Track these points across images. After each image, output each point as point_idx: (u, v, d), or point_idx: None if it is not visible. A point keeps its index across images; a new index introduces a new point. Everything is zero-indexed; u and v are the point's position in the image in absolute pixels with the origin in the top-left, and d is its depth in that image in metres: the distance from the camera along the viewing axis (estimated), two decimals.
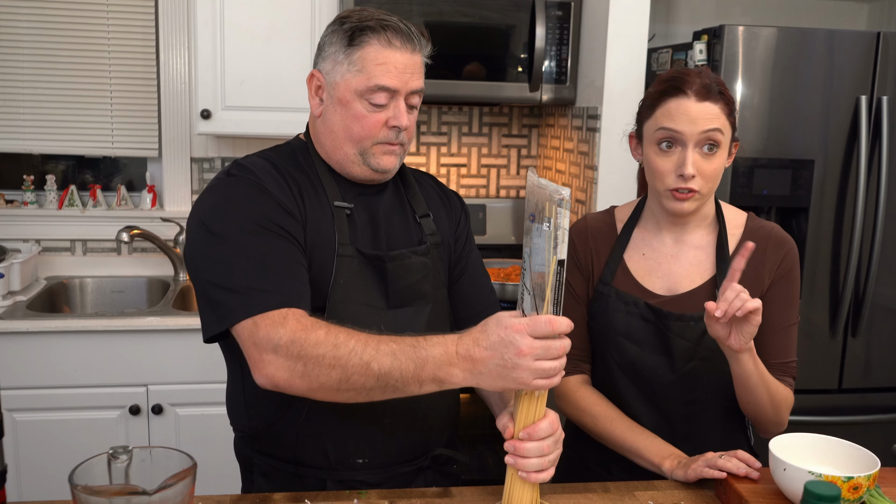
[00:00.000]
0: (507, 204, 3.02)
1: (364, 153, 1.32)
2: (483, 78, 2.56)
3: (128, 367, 2.32)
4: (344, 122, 1.31)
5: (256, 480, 1.38)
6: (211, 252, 1.23)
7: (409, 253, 1.36)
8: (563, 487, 1.31)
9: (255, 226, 1.22)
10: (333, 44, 1.31)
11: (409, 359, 1.11)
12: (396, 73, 1.28)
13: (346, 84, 1.29)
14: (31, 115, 2.78)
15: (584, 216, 1.60)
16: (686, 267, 1.48)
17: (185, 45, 2.80)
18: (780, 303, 1.45)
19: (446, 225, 1.47)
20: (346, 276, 1.30)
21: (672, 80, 1.40)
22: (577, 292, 1.54)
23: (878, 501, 1.19)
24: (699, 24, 2.90)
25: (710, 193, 1.43)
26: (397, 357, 1.11)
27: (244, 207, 1.24)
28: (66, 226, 2.81)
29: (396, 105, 1.30)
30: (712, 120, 1.37)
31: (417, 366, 1.10)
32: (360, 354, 1.11)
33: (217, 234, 1.23)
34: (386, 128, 1.30)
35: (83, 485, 0.93)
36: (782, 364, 1.45)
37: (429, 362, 1.10)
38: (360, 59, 1.28)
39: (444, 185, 1.55)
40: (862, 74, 2.30)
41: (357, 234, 1.33)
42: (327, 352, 1.12)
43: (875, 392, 2.48)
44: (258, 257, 1.21)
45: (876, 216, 2.35)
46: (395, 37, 1.28)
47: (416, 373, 1.11)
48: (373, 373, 1.11)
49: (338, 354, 1.11)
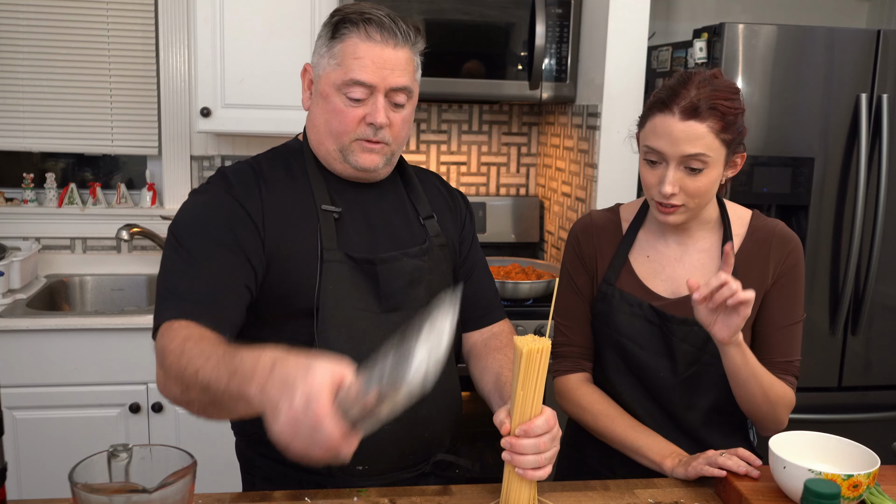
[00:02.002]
0: (507, 202, 3.02)
1: (343, 150, 1.31)
2: (483, 76, 2.56)
3: (128, 365, 2.32)
4: (325, 116, 1.30)
5: (258, 484, 1.38)
6: (167, 252, 1.25)
7: (402, 255, 1.34)
8: (563, 485, 1.31)
9: (208, 234, 1.22)
10: (321, 37, 1.31)
11: (224, 367, 0.99)
12: (373, 68, 1.25)
13: (326, 77, 1.28)
14: (30, 112, 2.77)
15: (590, 213, 1.60)
16: (690, 270, 1.47)
17: (184, 43, 2.80)
18: (784, 300, 1.44)
19: (451, 226, 1.46)
20: (334, 281, 1.28)
21: (664, 92, 1.36)
22: (580, 290, 1.54)
23: (878, 499, 1.19)
24: (699, 21, 2.90)
25: (698, 207, 1.40)
26: (217, 366, 1.01)
27: (206, 215, 1.25)
28: (65, 224, 2.81)
29: (374, 101, 1.27)
30: (695, 142, 1.31)
31: (230, 375, 0.98)
32: (195, 362, 1.03)
33: (175, 237, 1.24)
34: (364, 124, 1.28)
35: (83, 483, 0.93)
36: (784, 363, 1.44)
37: (237, 374, 0.97)
38: (339, 52, 1.27)
39: (449, 185, 1.54)
40: (862, 72, 2.30)
41: (347, 238, 1.31)
42: (173, 361, 1.07)
43: (875, 390, 2.48)
44: (198, 263, 1.21)
45: (876, 214, 2.35)
46: (376, 31, 1.25)
47: (229, 379, 0.98)
48: (199, 382, 1.02)
49: (180, 363, 1.05)
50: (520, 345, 1.09)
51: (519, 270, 2.61)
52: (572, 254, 1.56)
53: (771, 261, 1.45)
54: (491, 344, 1.44)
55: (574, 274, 1.55)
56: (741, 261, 1.45)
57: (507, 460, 1.13)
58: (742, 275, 1.42)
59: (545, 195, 3.01)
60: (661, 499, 1.28)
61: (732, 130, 1.35)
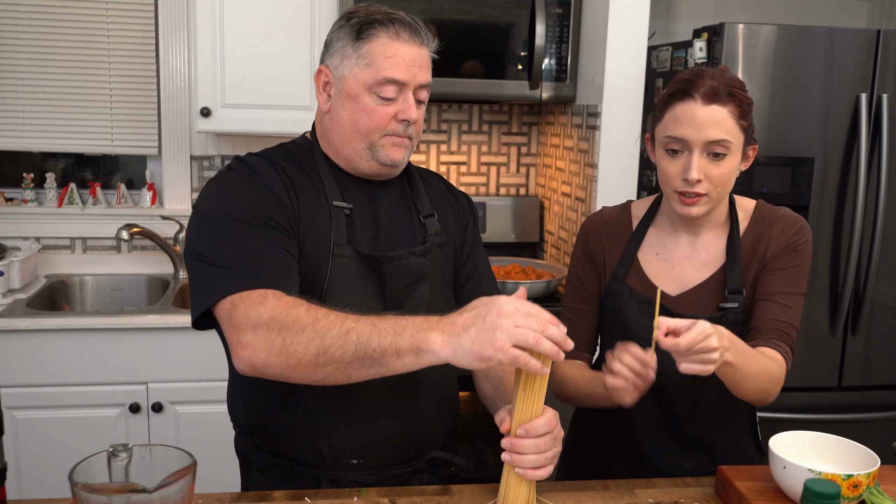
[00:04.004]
0: (507, 202, 3.02)
1: (373, 146, 1.32)
2: (483, 76, 2.56)
3: (128, 365, 2.32)
4: (353, 116, 1.31)
5: (254, 476, 1.39)
6: (202, 233, 1.25)
7: (407, 254, 1.35)
8: (563, 485, 1.31)
9: (247, 215, 1.23)
10: (341, 38, 1.31)
11: (388, 326, 1.09)
12: (405, 66, 1.28)
13: (354, 78, 1.29)
14: (30, 112, 2.77)
15: (601, 209, 1.60)
16: (699, 268, 1.48)
17: (184, 43, 2.80)
18: (788, 271, 1.43)
19: (453, 226, 1.46)
20: (342, 276, 1.29)
21: (682, 83, 1.38)
22: (587, 287, 1.54)
23: (878, 499, 1.19)
24: (699, 21, 2.90)
25: (720, 197, 1.41)
26: (377, 326, 1.09)
27: (238, 197, 1.26)
28: (65, 224, 2.81)
29: (405, 98, 1.30)
30: (717, 126, 1.34)
31: (396, 332, 1.08)
32: (340, 325, 1.10)
33: (209, 218, 1.25)
34: (395, 121, 1.31)
35: (83, 482, 0.93)
36: (781, 324, 1.40)
37: (408, 328, 1.08)
38: (368, 52, 1.28)
39: (452, 186, 1.54)
40: (862, 72, 2.30)
41: (356, 234, 1.33)
42: (307, 324, 1.10)
43: (875, 390, 2.48)
44: (244, 241, 1.22)
45: (876, 214, 2.35)
46: (404, 30, 1.28)
47: (395, 340, 1.07)
48: (351, 341, 1.08)
49: (317, 327, 1.10)
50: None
51: (519, 270, 2.61)
52: (581, 250, 1.57)
53: (772, 239, 1.44)
54: None
55: (581, 270, 1.55)
56: (744, 242, 1.46)
57: (506, 460, 1.13)
58: (744, 257, 1.44)
59: (545, 195, 3.02)
60: (660, 499, 1.28)
61: (748, 118, 1.38)
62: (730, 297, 1.43)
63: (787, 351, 1.40)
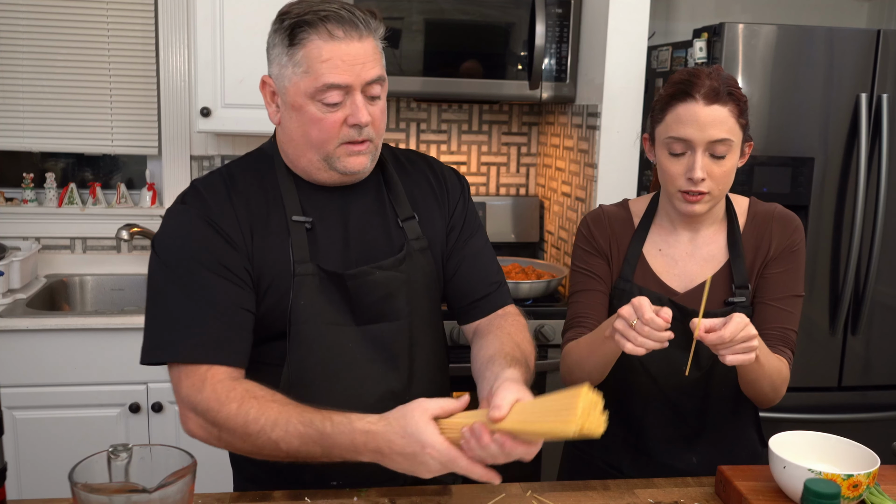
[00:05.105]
0: (507, 202, 3.02)
1: (328, 158, 1.24)
2: (483, 76, 2.56)
3: (127, 365, 2.32)
4: (301, 128, 1.23)
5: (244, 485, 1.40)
6: (159, 275, 1.24)
7: (374, 269, 1.28)
8: (563, 485, 1.31)
9: (200, 265, 1.21)
10: (276, 45, 1.22)
11: (315, 444, 1.12)
12: (345, 67, 1.18)
13: (295, 88, 1.20)
14: (30, 112, 2.77)
15: (599, 206, 1.60)
16: (701, 263, 1.49)
17: (184, 43, 2.80)
18: (785, 274, 1.46)
19: (438, 221, 1.38)
20: (307, 295, 1.25)
21: (681, 84, 1.39)
22: (597, 273, 1.52)
23: (878, 499, 1.19)
24: (699, 21, 2.90)
25: (721, 195, 1.42)
26: (304, 441, 1.12)
27: (192, 243, 1.22)
28: (65, 224, 2.81)
29: (353, 101, 1.20)
30: (719, 126, 1.35)
31: (325, 451, 1.12)
32: (269, 434, 1.13)
33: (168, 266, 1.23)
34: (346, 126, 1.21)
35: (83, 482, 0.93)
36: (782, 330, 1.43)
37: (335, 449, 1.11)
38: (303, 58, 1.18)
39: (441, 168, 1.44)
40: (862, 72, 2.30)
41: (319, 249, 1.27)
42: (237, 427, 1.14)
43: (875, 390, 2.48)
44: (199, 297, 1.20)
45: (876, 214, 2.35)
46: (337, 27, 1.17)
47: (326, 454, 1.12)
48: (282, 451, 1.13)
49: (247, 432, 1.14)
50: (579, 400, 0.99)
51: (519, 270, 2.61)
52: (584, 241, 1.55)
53: (773, 240, 1.47)
54: (494, 323, 1.37)
55: (589, 259, 1.53)
56: (744, 243, 1.48)
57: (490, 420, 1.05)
58: (747, 255, 1.46)
59: (545, 195, 3.01)
60: (661, 499, 1.28)
61: (746, 116, 1.40)
62: (737, 292, 1.45)
63: (789, 356, 1.43)
